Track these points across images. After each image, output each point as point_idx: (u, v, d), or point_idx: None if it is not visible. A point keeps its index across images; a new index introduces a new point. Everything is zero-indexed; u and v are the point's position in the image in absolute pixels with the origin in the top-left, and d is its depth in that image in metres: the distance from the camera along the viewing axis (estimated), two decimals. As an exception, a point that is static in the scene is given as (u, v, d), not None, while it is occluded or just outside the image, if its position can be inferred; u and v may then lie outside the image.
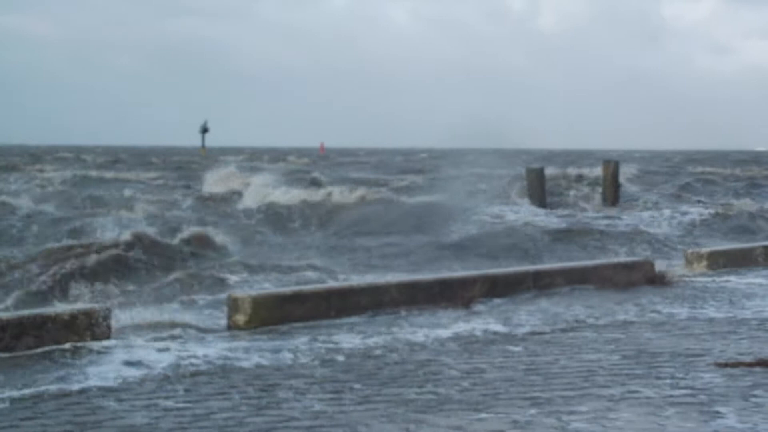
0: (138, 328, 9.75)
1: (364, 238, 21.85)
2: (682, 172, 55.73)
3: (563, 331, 9.92)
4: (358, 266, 17.54)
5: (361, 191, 30.02)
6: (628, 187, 36.41)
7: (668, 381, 7.66)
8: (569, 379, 7.74)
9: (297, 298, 10.34)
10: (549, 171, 34.83)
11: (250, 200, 29.41)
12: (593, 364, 8.29)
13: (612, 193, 33.65)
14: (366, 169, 62.29)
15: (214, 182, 36.68)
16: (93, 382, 7.55)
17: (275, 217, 25.43)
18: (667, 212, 28.42)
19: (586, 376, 7.84)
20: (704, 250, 15.79)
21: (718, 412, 6.75)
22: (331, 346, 9.02)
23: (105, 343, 8.93)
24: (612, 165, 34.79)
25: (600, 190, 34.39)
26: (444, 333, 9.68)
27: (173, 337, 9.36)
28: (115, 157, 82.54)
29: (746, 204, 30.19)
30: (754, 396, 7.22)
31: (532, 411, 6.77)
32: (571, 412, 6.73)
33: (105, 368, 8.02)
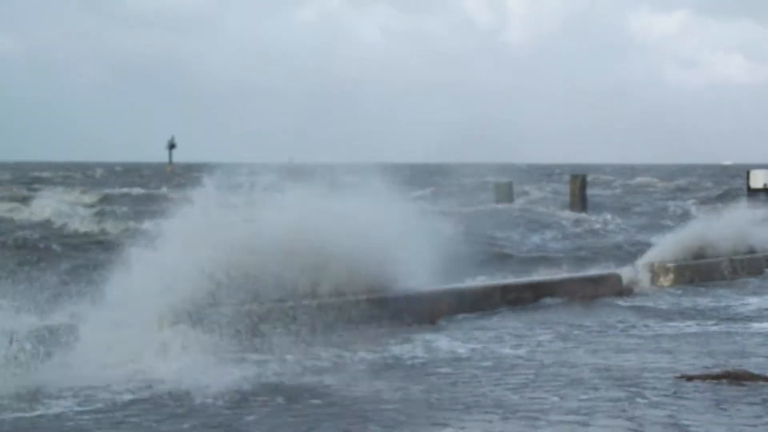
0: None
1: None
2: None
3: (530, 346, 9.92)
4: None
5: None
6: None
7: (636, 394, 7.68)
8: (537, 393, 7.75)
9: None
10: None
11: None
12: (561, 378, 8.30)
13: (579, 205, 34.08)
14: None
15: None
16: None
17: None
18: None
19: (554, 390, 7.85)
20: (670, 263, 15.85)
21: (685, 425, 6.78)
22: (284, 366, 8.85)
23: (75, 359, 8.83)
24: (579, 179, 35.34)
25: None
26: (409, 349, 9.65)
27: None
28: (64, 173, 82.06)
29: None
30: (722, 409, 7.26)
31: (501, 426, 6.77)
32: (540, 427, 6.74)
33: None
